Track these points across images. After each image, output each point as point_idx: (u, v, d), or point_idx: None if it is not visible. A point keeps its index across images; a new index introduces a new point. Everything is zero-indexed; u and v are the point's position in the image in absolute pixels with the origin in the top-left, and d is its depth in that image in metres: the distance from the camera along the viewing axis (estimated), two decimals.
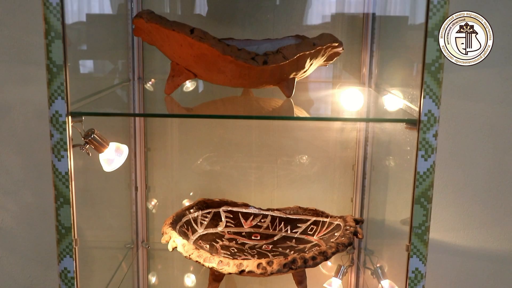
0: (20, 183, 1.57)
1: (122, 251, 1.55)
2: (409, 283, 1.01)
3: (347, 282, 1.59)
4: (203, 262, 1.14)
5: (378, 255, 1.51)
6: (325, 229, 1.34)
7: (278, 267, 1.10)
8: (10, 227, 1.60)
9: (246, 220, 1.44)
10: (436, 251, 1.58)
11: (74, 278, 1.03)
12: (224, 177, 1.58)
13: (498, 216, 1.58)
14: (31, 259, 1.62)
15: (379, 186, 1.49)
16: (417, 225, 0.99)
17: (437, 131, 0.96)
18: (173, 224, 1.28)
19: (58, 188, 0.99)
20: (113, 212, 1.59)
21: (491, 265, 1.61)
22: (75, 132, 1.01)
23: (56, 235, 1.01)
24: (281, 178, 1.57)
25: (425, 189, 0.97)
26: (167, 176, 1.58)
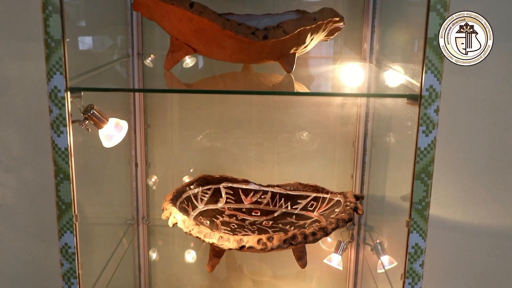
0: (20, 160, 1.57)
1: (123, 227, 1.55)
2: (408, 258, 1.01)
3: (347, 258, 1.60)
4: (204, 238, 1.14)
5: (378, 231, 1.51)
6: (325, 205, 1.35)
7: (278, 242, 1.10)
8: (10, 204, 1.60)
9: (246, 196, 1.44)
10: (435, 228, 1.58)
11: (75, 254, 1.03)
12: (224, 153, 1.57)
13: (497, 193, 1.58)
14: (32, 235, 1.63)
15: (380, 162, 1.49)
16: (417, 200, 0.99)
17: (438, 107, 0.95)
18: (173, 200, 1.28)
19: (57, 164, 0.98)
20: (114, 188, 1.59)
21: (490, 241, 1.61)
22: (74, 108, 1.00)
23: (57, 211, 1.01)
24: (281, 155, 1.57)
25: (426, 165, 0.97)
26: (167, 153, 1.58)
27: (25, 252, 1.64)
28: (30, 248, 1.64)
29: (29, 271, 1.66)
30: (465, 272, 1.65)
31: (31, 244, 1.64)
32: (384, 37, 1.42)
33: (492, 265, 1.64)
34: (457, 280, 1.66)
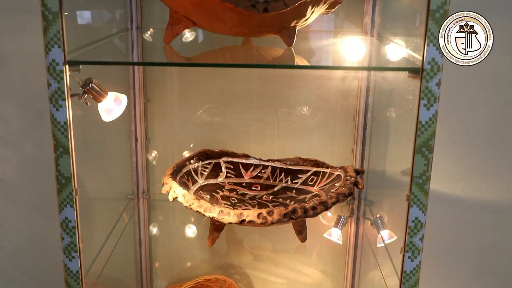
0: (19, 135, 1.56)
1: (123, 202, 1.56)
2: (408, 232, 1.02)
3: (347, 232, 1.60)
4: (204, 212, 1.14)
5: (378, 205, 1.51)
6: (326, 180, 1.34)
7: (279, 217, 1.10)
8: (11, 179, 1.60)
9: (246, 171, 1.44)
10: (435, 202, 1.58)
11: (75, 228, 1.03)
12: (224, 128, 1.57)
13: (498, 167, 1.58)
14: (33, 210, 1.63)
15: (380, 137, 1.48)
16: (418, 174, 0.98)
17: (440, 80, 0.94)
18: (174, 175, 1.28)
19: (57, 138, 0.98)
20: (114, 163, 1.59)
21: (490, 215, 1.62)
22: (73, 81, 0.99)
23: (57, 185, 1.01)
24: (282, 129, 1.56)
25: (427, 139, 0.96)
26: (167, 127, 1.57)
27: (26, 226, 1.65)
28: (31, 223, 1.65)
29: (30, 245, 1.67)
30: (464, 246, 1.65)
31: (32, 219, 1.64)
32: (386, 10, 1.40)
33: (491, 240, 1.65)
34: (456, 255, 1.66)
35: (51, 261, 1.68)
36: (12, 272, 1.70)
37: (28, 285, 1.72)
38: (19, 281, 1.71)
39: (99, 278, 1.23)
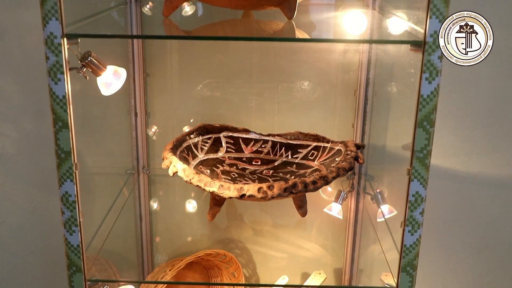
0: (18, 109, 1.55)
1: (123, 177, 1.56)
2: (409, 206, 1.02)
3: (347, 207, 1.61)
4: (204, 187, 1.14)
5: (378, 180, 1.51)
6: (326, 154, 1.34)
7: (279, 191, 1.10)
8: (11, 154, 1.60)
9: (246, 146, 1.43)
10: (436, 177, 1.58)
11: (76, 202, 1.03)
12: (225, 103, 1.56)
13: (498, 142, 1.57)
14: (34, 185, 1.63)
15: (381, 111, 1.48)
16: (418, 149, 0.98)
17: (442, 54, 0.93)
18: (174, 149, 1.28)
19: (56, 112, 0.97)
20: (113, 138, 1.58)
21: (490, 190, 1.62)
22: (71, 55, 0.98)
23: (56, 159, 1.00)
24: (282, 104, 1.55)
25: (428, 113, 0.95)
26: (166, 102, 1.57)
27: (27, 201, 1.65)
28: (31, 198, 1.65)
29: (31, 220, 1.67)
30: (464, 221, 1.66)
31: (32, 194, 1.65)
32: None
33: (491, 215, 1.65)
34: (456, 229, 1.67)
35: (52, 235, 1.68)
36: (14, 247, 1.71)
37: (29, 259, 1.73)
38: (21, 255, 1.72)
39: (100, 252, 1.24)
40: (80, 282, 1.08)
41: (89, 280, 1.09)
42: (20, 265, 1.73)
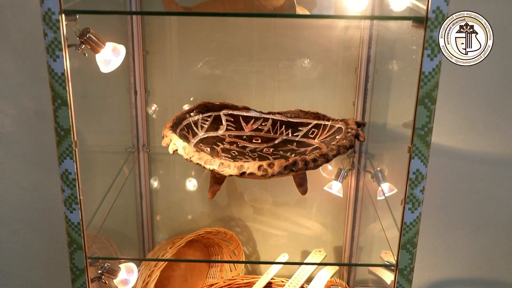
0: (17, 87, 1.54)
1: (123, 155, 1.55)
2: (409, 184, 1.01)
3: (347, 185, 1.61)
4: (204, 165, 1.13)
5: (379, 158, 1.51)
6: (327, 132, 1.34)
7: (279, 169, 1.10)
8: (10, 132, 1.60)
9: (247, 124, 1.43)
10: (436, 155, 1.58)
11: (76, 180, 1.03)
12: (225, 81, 1.55)
13: (499, 120, 1.57)
14: (34, 163, 1.63)
15: (382, 89, 1.47)
16: (420, 126, 0.97)
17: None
18: (174, 127, 1.27)
19: (55, 90, 0.97)
20: (113, 116, 1.58)
21: (490, 168, 1.62)
22: (70, 32, 0.97)
23: (56, 137, 1.00)
24: (282, 82, 1.54)
25: (430, 90, 0.95)
26: (166, 80, 1.56)
27: (27, 179, 1.65)
28: (31, 176, 1.65)
29: (32, 198, 1.67)
30: (463, 199, 1.66)
31: (32, 172, 1.64)
32: None
33: (491, 193, 1.65)
34: (455, 207, 1.67)
35: (53, 213, 1.69)
36: (15, 224, 1.71)
37: (30, 237, 1.73)
38: (22, 232, 1.73)
39: (101, 230, 1.24)
40: (81, 260, 1.08)
41: (90, 257, 1.10)
42: (21, 243, 1.74)
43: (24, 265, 1.77)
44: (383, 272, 1.47)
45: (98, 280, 1.14)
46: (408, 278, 1.09)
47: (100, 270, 1.15)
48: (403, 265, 1.08)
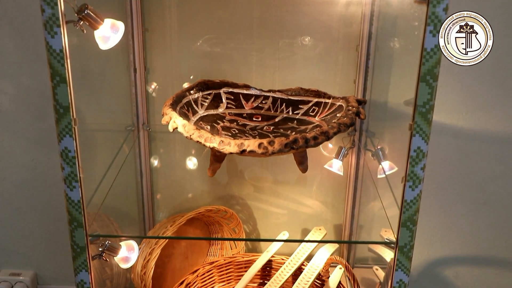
0: (16, 65, 1.53)
1: (123, 133, 1.55)
2: (410, 161, 1.01)
3: (348, 163, 1.60)
4: (204, 142, 1.13)
5: (379, 137, 1.51)
6: (327, 110, 1.33)
7: (279, 146, 1.09)
8: (9, 111, 1.59)
9: (247, 102, 1.42)
10: (438, 133, 1.58)
11: (75, 158, 1.02)
12: (225, 59, 1.54)
13: (501, 98, 1.56)
14: (33, 142, 1.63)
15: (383, 67, 1.46)
16: (421, 103, 0.97)
17: (447, 5, 0.91)
18: (173, 105, 1.27)
19: (53, 67, 0.95)
20: (113, 94, 1.57)
21: (492, 147, 1.61)
22: (68, 9, 0.96)
23: (55, 114, 0.99)
24: (283, 60, 1.53)
25: (432, 66, 0.94)
26: (166, 58, 1.55)
27: (27, 158, 1.65)
28: (31, 155, 1.65)
29: (33, 177, 1.67)
30: (464, 177, 1.66)
31: (33, 151, 1.64)
32: None
33: (492, 171, 1.65)
34: (456, 186, 1.67)
35: (53, 192, 1.69)
36: (16, 203, 1.72)
37: (32, 216, 1.74)
38: (23, 211, 1.73)
39: (101, 209, 1.24)
40: (82, 238, 1.08)
41: (91, 235, 1.10)
42: (23, 222, 1.74)
43: (25, 243, 1.78)
44: (383, 250, 1.48)
45: (99, 258, 1.15)
46: (408, 255, 1.09)
47: (101, 248, 1.15)
48: (403, 243, 1.08)
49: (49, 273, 1.83)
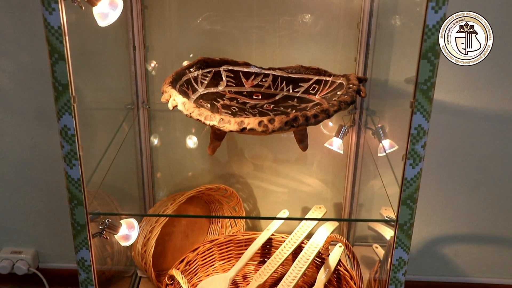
0: (14, 43, 1.52)
1: (123, 112, 1.54)
2: (411, 139, 1.01)
3: (348, 142, 1.60)
4: (204, 120, 1.12)
5: (380, 115, 1.50)
6: (328, 88, 1.32)
7: (280, 124, 1.09)
8: (8, 89, 1.58)
9: (247, 80, 1.41)
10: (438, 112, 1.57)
11: (75, 136, 1.02)
12: (225, 36, 1.53)
13: (503, 76, 1.55)
14: (33, 120, 1.62)
15: (384, 44, 1.45)
16: (422, 81, 0.96)
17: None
18: (173, 83, 1.26)
19: (51, 44, 0.95)
20: (112, 72, 1.56)
21: (492, 125, 1.61)
22: None
23: (54, 92, 0.99)
24: (283, 38, 1.52)
25: (433, 43, 0.93)
26: (165, 36, 1.53)
27: (27, 137, 1.65)
28: (31, 133, 1.65)
29: (33, 155, 1.67)
30: (465, 155, 1.66)
31: (32, 129, 1.64)
32: None
33: (492, 149, 1.65)
34: (456, 164, 1.67)
35: (53, 170, 1.69)
36: (16, 181, 1.72)
37: (32, 194, 1.74)
38: (24, 190, 1.73)
39: (101, 187, 1.24)
40: (82, 216, 1.09)
41: (91, 213, 1.10)
42: (23, 200, 1.75)
43: (26, 222, 1.79)
44: (382, 228, 1.48)
45: (99, 236, 1.15)
46: (408, 233, 1.09)
47: (101, 226, 1.16)
48: (403, 221, 1.08)
49: (50, 251, 1.84)
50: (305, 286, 1.53)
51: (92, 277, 1.14)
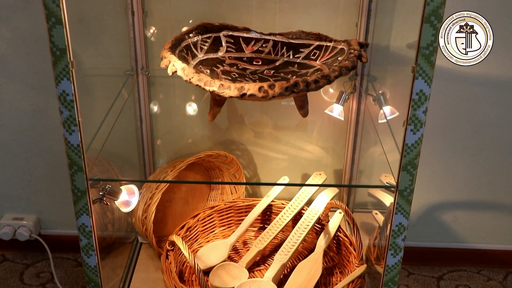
0: (11, 8, 1.50)
1: (122, 78, 1.53)
2: (412, 105, 1.00)
3: (348, 108, 1.59)
4: (204, 86, 1.11)
5: (381, 81, 1.49)
6: (329, 54, 1.31)
7: (280, 90, 1.08)
8: (6, 55, 1.57)
9: (247, 45, 1.40)
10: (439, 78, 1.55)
11: (74, 101, 1.01)
12: (225, 1, 1.50)
13: (505, 42, 1.53)
14: (32, 87, 1.61)
15: (386, 9, 1.43)
16: (425, 45, 0.94)
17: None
18: (172, 49, 1.24)
19: (48, 7, 0.93)
20: (111, 38, 1.55)
21: (494, 91, 1.60)
22: None
23: (51, 57, 0.97)
24: (284, 2, 1.50)
25: (437, 7, 0.91)
26: (164, 1, 1.51)
27: (26, 103, 1.64)
28: (30, 100, 1.64)
29: (32, 122, 1.67)
30: (465, 122, 1.65)
31: (31, 96, 1.63)
32: None
33: (493, 115, 1.64)
34: (457, 130, 1.67)
35: (53, 137, 1.69)
36: (16, 149, 1.72)
37: (32, 161, 1.74)
38: (23, 157, 1.73)
39: (101, 154, 1.24)
40: (82, 182, 1.08)
41: (91, 179, 1.10)
42: (23, 167, 1.75)
43: (27, 189, 1.79)
44: (382, 195, 1.48)
45: (100, 202, 1.15)
46: (407, 199, 1.09)
47: (101, 192, 1.16)
48: (403, 186, 1.08)
49: (51, 218, 1.85)
50: (305, 252, 1.55)
51: (93, 243, 1.14)
